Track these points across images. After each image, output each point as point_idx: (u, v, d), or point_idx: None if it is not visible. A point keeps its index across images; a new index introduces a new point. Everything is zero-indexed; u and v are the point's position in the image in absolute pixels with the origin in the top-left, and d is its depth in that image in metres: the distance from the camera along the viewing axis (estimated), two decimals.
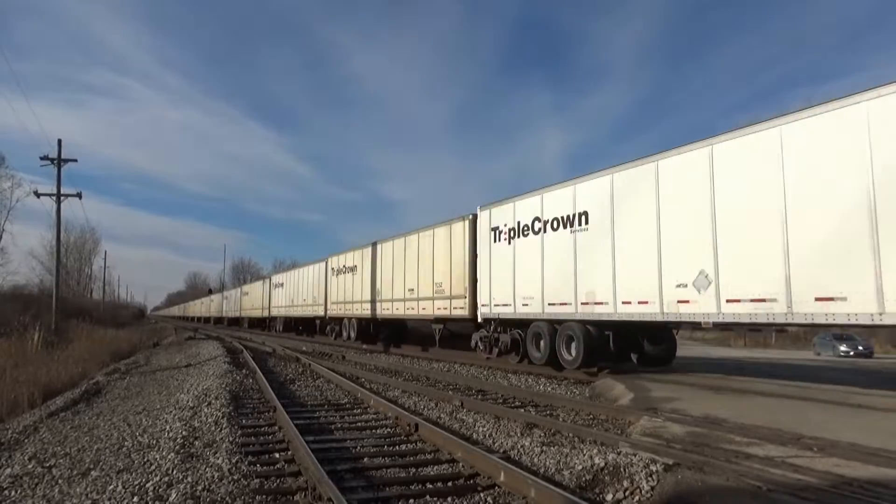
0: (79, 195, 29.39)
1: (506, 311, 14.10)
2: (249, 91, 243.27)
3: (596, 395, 10.02)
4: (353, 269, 24.32)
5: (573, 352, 11.88)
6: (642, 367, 12.40)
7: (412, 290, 18.79)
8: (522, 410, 8.24)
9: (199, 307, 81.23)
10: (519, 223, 13.79)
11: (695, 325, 10.47)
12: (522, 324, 13.64)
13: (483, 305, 14.98)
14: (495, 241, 14.62)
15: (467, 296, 15.66)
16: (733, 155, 9.03)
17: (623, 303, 10.78)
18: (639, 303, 10.42)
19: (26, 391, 11.27)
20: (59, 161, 28.04)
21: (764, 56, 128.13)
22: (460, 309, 15.97)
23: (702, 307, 9.31)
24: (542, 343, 12.88)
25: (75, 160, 28.73)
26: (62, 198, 28.52)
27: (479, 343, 15.42)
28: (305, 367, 14.70)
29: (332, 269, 26.76)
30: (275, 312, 38.40)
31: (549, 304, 12.65)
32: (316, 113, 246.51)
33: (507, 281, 14.05)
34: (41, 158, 27.80)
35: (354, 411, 8.43)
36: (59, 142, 28.28)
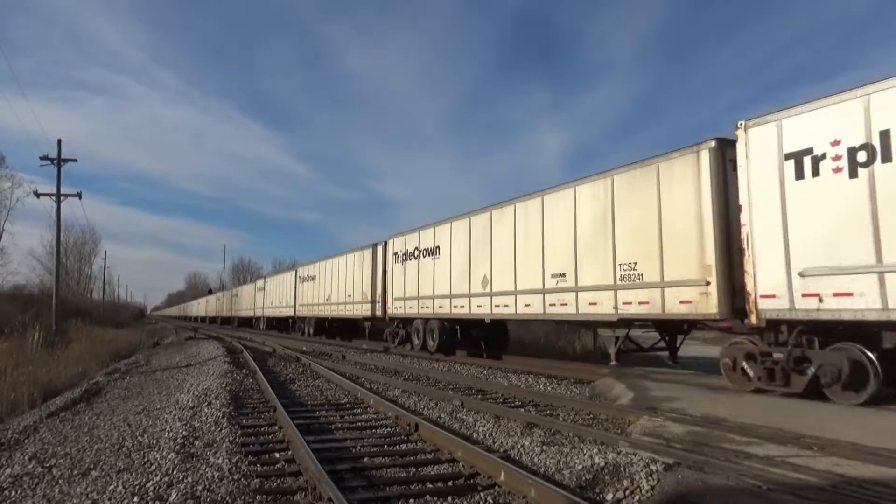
0: (79, 195, 29.37)
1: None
2: (245, 89, 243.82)
3: (596, 394, 10.02)
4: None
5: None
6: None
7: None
8: (522, 410, 8.24)
9: (199, 307, 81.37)
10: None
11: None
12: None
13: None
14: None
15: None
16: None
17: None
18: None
19: (26, 391, 11.26)
20: (58, 161, 28.02)
21: (764, 53, 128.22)
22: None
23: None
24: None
25: (75, 160, 28.70)
26: (62, 198, 28.52)
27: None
28: (305, 366, 14.70)
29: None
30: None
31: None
32: (313, 111, 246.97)
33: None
34: (41, 158, 27.77)
35: (354, 411, 8.42)
36: (59, 142, 28.26)
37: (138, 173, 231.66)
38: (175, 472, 5.03)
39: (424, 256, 19.23)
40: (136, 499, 4.47)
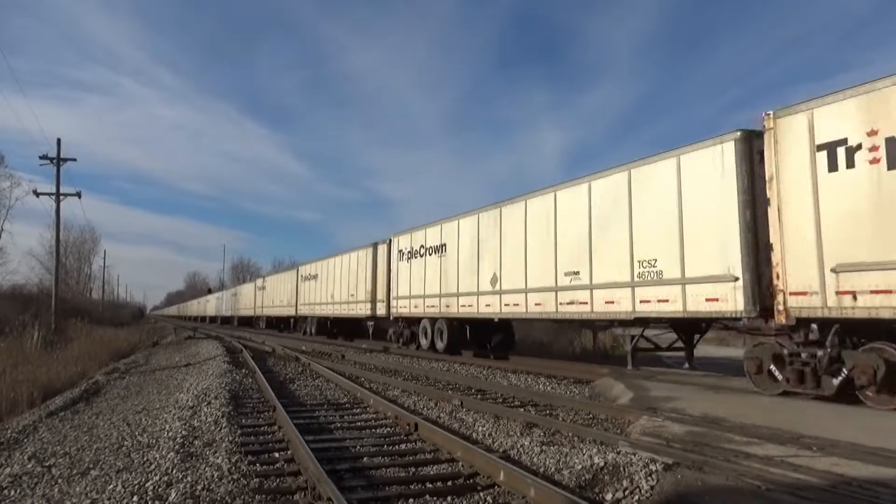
0: (78, 194, 29.38)
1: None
2: (244, 88, 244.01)
3: (595, 394, 10.03)
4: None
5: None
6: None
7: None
8: (522, 410, 8.24)
9: (196, 307, 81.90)
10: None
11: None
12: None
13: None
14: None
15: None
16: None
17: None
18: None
19: (26, 391, 11.25)
20: (58, 160, 28.02)
21: (764, 52, 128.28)
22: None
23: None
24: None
25: (74, 159, 28.76)
26: (61, 197, 28.51)
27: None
28: (305, 366, 14.70)
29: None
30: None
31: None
32: (311, 111, 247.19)
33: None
34: (40, 158, 27.82)
35: (354, 411, 8.42)
36: (59, 141, 28.29)
37: (137, 173, 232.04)
38: (174, 471, 5.03)
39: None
40: (135, 498, 4.47)
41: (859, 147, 7.65)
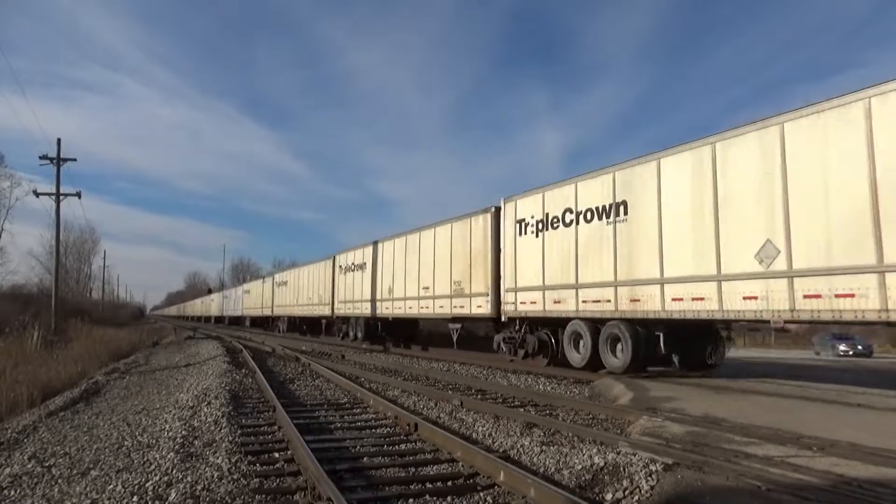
0: (78, 194, 29.36)
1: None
2: (243, 88, 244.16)
3: (595, 394, 10.03)
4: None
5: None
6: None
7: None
8: (522, 410, 8.24)
9: (196, 307, 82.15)
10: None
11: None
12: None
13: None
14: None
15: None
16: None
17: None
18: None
19: (26, 391, 11.26)
20: (58, 160, 28.01)
21: (764, 52, 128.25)
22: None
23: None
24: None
25: (74, 159, 28.74)
26: (61, 197, 28.50)
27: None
28: (305, 366, 14.70)
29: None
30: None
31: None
32: (311, 110, 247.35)
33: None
34: (40, 158, 27.80)
35: (354, 411, 8.42)
36: (59, 141, 28.28)
37: (137, 172, 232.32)
38: (174, 471, 5.03)
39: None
40: (135, 498, 4.47)
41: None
